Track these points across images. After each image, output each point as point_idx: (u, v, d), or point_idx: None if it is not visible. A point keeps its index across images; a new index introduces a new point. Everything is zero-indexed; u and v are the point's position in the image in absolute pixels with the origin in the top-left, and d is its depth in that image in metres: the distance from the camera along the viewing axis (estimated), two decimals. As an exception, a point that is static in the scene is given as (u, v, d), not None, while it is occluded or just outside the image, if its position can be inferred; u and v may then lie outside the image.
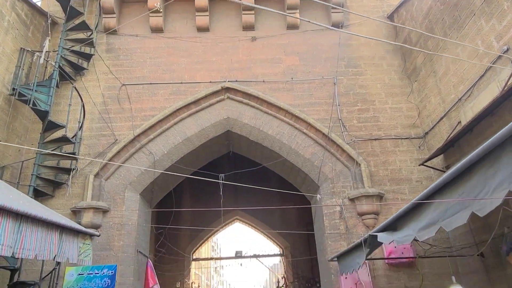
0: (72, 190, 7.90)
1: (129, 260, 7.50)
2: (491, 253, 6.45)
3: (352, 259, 5.53)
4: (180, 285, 14.27)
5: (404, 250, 7.33)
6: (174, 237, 13.40)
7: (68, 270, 7.23)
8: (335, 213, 7.91)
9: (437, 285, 7.20)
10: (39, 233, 4.08)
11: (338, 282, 7.31)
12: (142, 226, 8.27)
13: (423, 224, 3.10)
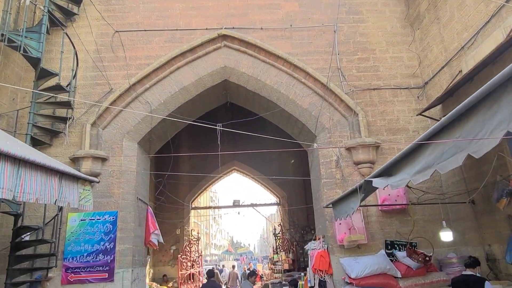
0: (70, 139, 7.91)
1: (129, 207, 7.68)
2: (481, 200, 6.63)
3: (346, 205, 5.68)
4: (180, 232, 14.79)
5: (398, 198, 7.53)
6: (173, 187, 13.67)
7: (71, 216, 7.43)
8: (332, 162, 8.01)
9: (428, 231, 7.49)
10: (38, 178, 4.12)
11: (332, 228, 7.57)
12: (141, 174, 8.38)
13: (418, 167, 3.14)
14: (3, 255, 6.83)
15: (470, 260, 5.08)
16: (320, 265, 7.44)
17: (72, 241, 7.27)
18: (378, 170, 4.32)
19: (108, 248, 7.26)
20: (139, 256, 7.94)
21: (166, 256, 14.69)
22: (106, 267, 7.16)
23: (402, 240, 7.48)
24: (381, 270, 6.79)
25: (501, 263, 6.24)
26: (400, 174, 3.59)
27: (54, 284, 7.07)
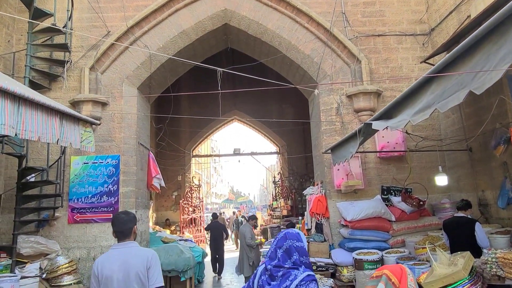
0: (69, 84, 7.84)
1: (131, 151, 7.79)
2: (479, 148, 6.71)
3: (345, 150, 5.75)
4: (181, 179, 15.13)
5: (396, 145, 7.61)
6: (174, 134, 13.77)
7: (74, 159, 7.56)
8: (332, 110, 8.00)
9: (423, 178, 7.66)
10: (39, 117, 4.14)
11: (330, 174, 7.73)
12: (142, 120, 8.40)
13: (418, 108, 3.14)
14: (11, 195, 7.05)
15: (462, 203, 5.25)
16: (317, 209, 7.69)
17: (76, 183, 7.46)
18: (378, 113, 4.32)
19: (112, 190, 7.47)
20: (142, 199, 8.18)
21: (168, 201, 15.15)
22: (111, 208, 7.41)
23: (398, 186, 7.67)
24: (376, 213, 7.03)
25: (492, 208, 6.44)
26: (400, 116, 3.59)
27: (61, 223, 7.36)
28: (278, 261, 2.48)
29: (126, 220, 3.09)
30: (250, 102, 15.88)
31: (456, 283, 3.03)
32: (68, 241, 7.33)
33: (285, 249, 2.47)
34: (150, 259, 2.92)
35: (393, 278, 1.39)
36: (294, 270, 2.42)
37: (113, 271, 2.84)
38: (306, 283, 2.33)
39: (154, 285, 2.83)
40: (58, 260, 6.79)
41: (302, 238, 2.50)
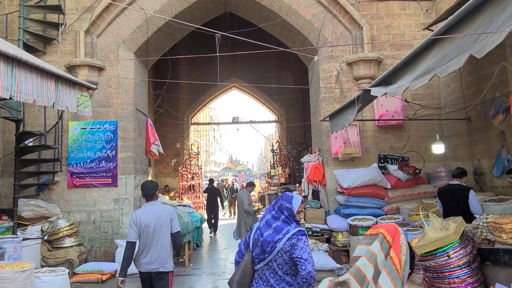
0: (64, 47, 7.68)
1: (129, 117, 7.76)
2: (477, 117, 6.69)
3: (343, 117, 5.73)
4: (180, 146, 15.17)
5: (395, 114, 7.58)
6: (172, 102, 13.66)
7: (71, 125, 7.54)
8: (331, 77, 7.90)
9: (421, 147, 7.69)
10: (34, 80, 4.08)
11: (328, 142, 7.75)
12: (139, 86, 8.31)
13: (418, 73, 3.10)
14: (10, 159, 7.09)
15: (457, 171, 5.29)
16: (314, 176, 7.77)
17: (74, 148, 7.48)
18: (377, 80, 4.27)
19: (110, 155, 7.50)
20: (140, 165, 8.24)
21: (167, 168, 15.27)
22: (109, 173, 7.47)
23: (395, 155, 7.72)
24: (372, 181, 7.12)
25: (487, 177, 6.52)
26: (399, 81, 3.55)
27: (61, 187, 7.44)
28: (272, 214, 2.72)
29: (151, 186, 4.20)
30: (249, 69, 15.67)
31: (446, 246, 3.11)
32: (68, 205, 7.44)
33: (278, 206, 2.71)
34: (172, 213, 4.18)
35: (388, 236, 1.43)
36: (287, 225, 2.62)
37: (149, 220, 3.98)
38: (297, 236, 2.53)
39: (174, 230, 4.12)
40: (59, 222, 6.93)
41: (293, 201, 2.66)
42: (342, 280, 1.42)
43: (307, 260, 2.36)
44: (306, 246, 2.46)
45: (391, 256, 1.41)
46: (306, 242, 2.49)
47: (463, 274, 3.04)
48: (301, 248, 2.44)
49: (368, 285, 1.38)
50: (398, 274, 1.38)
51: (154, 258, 3.96)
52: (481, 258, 3.21)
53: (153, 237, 3.96)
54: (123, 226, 7.47)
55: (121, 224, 7.47)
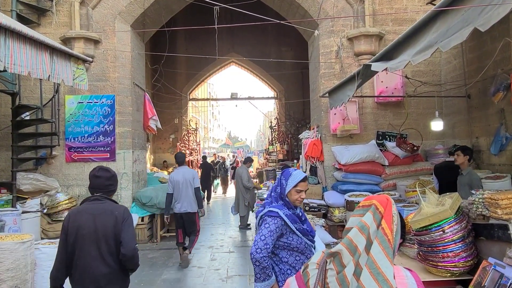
0: (59, 19, 7.51)
1: (126, 91, 7.68)
2: (477, 95, 6.65)
3: (343, 93, 5.68)
4: (178, 122, 15.13)
5: (395, 91, 7.52)
6: (170, 77, 13.51)
7: (68, 98, 7.47)
8: (332, 53, 7.78)
9: (419, 124, 7.68)
10: (28, 51, 4.00)
11: (327, 118, 7.72)
12: (137, 60, 8.19)
13: (420, 47, 3.03)
14: (7, 133, 7.05)
15: (454, 148, 5.30)
16: (312, 152, 7.78)
17: (72, 123, 7.44)
18: (378, 55, 4.20)
19: (108, 130, 7.47)
20: (138, 139, 8.22)
21: (166, 144, 15.27)
22: (107, 147, 7.46)
23: (393, 132, 7.71)
24: (370, 158, 7.13)
25: (485, 154, 6.54)
26: (401, 56, 3.49)
27: (59, 162, 7.45)
28: (271, 190, 2.70)
29: (182, 155, 6.36)
30: (248, 44, 15.43)
31: (441, 221, 3.15)
32: (67, 179, 7.47)
33: (277, 181, 2.67)
34: (194, 173, 6.20)
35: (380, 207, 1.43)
36: (269, 204, 2.58)
37: (179, 178, 5.98)
38: (264, 217, 2.49)
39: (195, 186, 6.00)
40: (58, 196, 6.97)
41: (289, 179, 2.55)
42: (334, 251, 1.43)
43: (255, 241, 2.36)
44: (265, 228, 2.39)
45: (382, 226, 1.42)
46: (267, 224, 2.40)
47: (457, 248, 3.09)
48: (260, 229, 2.43)
49: (360, 255, 1.39)
50: (390, 244, 1.39)
51: (183, 203, 5.93)
52: (475, 233, 3.25)
53: (181, 189, 5.93)
54: (121, 200, 7.52)
55: (119, 198, 7.52)
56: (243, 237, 8.12)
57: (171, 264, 6.09)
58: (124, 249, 2.51)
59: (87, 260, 2.50)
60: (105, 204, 2.63)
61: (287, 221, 2.46)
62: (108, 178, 2.70)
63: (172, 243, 7.52)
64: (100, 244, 2.53)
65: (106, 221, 2.56)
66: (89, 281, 2.49)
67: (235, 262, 6.20)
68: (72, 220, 2.59)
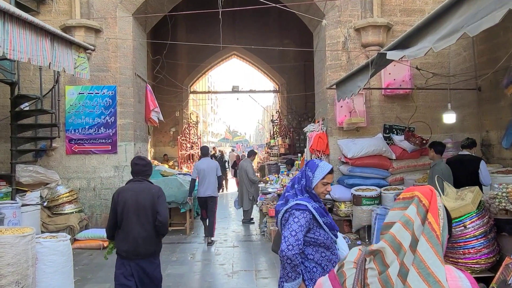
0: (58, 7, 7.31)
1: (127, 82, 7.50)
2: (489, 87, 6.49)
3: (352, 84, 5.51)
4: (179, 115, 14.94)
5: (403, 83, 7.36)
6: (171, 69, 13.31)
7: (68, 89, 7.29)
8: (338, 44, 7.61)
9: (427, 117, 7.53)
10: (28, 37, 3.82)
11: (333, 111, 7.56)
12: (138, 50, 7.99)
13: (444, 33, 2.87)
14: (5, 124, 6.87)
15: (468, 141, 5.16)
16: (317, 146, 7.63)
17: (72, 114, 7.27)
18: (392, 43, 4.03)
19: (109, 122, 7.30)
20: (140, 132, 8.06)
21: (166, 137, 15.10)
22: (109, 139, 7.30)
23: (400, 125, 7.57)
24: (377, 151, 6.99)
25: (495, 148, 6.40)
26: (420, 43, 3.33)
27: (60, 154, 7.29)
28: (292, 182, 2.52)
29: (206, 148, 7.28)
30: (250, 37, 15.19)
31: (463, 216, 3.02)
32: (68, 172, 7.31)
33: (300, 173, 2.49)
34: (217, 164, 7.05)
35: (424, 199, 1.28)
36: (294, 198, 2.41)
37: (204, 167, 6.81)
38: (292, 210, 2.31)
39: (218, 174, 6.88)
40: (58, 189, 6.82)
41: (316, 171, 2.42)
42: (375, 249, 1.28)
43: (285, 237, 2.21)
44: (294, 222, 2.24)
45: (429, 221, 1.27)
46: (297, 218, 2.25)
47: (479, 244, 2.96)
48: (288, 224, 2.26)
49: (405, 254, 1.24)
50: (438, 240, 1.24)
51: (208, 189, 6.75)
52: (497, 228, 3.12)
53: (206, 177, 6.75)
54: (123, 193, 7.37)
55: (121, 191, 7.37)
56: (247, 231, 7.99)
57: (174, 259, 5.95)
58: (161, 217, 3.23)
59: (130, 226, 3.21)
60: (143, 184, 3.34)
61: (316, 214, 2.32)
62: (144, 165, 3.40)
63: (175, 236, 7.41)
64: (140, 214, 3.22)
65: (145, 197, 3.25)
66: (131, 241, 3.19)
67: (240, 257, 6.07)
68: (120, 196, 3.29)
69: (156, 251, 3.36)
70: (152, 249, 3.28)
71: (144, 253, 3.22)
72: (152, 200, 3.23)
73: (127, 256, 3.20)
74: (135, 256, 3.20)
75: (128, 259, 3.21)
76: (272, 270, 5.33)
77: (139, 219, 3.21)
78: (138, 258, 3.21)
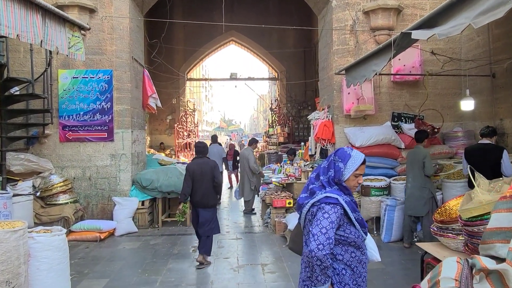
0: (50, -15, 6.85)
1: (124, 66, 7.11)
2: (504, 73, 6.22)
3: (365, 68, 5.19)
4: (176, 102, 14.54)
5: (412, 69, 7.06)
6: (168, 55, 12.88)
7: (61, 73, 6.89)
8: (346, 27, 7.26)
9: (437, 105, 7.26)
10: (17, 10, 3.44)
11: (340, 98, 7.25)
12: (135, 32, 7.58)
13: (486, 6, 2.56)
14: (-6, 110, 6.47)
15: (487, 129, 4.90)
16: (323, 134, 7.34)
17: (66, 99, 6.88)
18: (417, 22, 3.71)
19: (105, 108, 6.93)
20: (137, 119, 7.70)
21: (163, 125, 14.72)
22: (105, 126, 6.94)
23: (409, 113, 7.29)
24: (386, 140, 6.72)
25: (510, 137, 6.16)
26: (452, 20, 3.01)
27: (53, 141, 6.92)
28: (316, 173, 2.23)
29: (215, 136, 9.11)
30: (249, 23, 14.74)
31: (501, 210, 2.75)
32: (62, 160, 6.95)
33: (327, 163, 2.20)
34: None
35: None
36: (321, 190, 2.13)
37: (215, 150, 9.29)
38: (321, 204, 2.04)
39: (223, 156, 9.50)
40: (52, 178, 6.48)
41: (348, 162, 2.12)
42: (492, 269, 0.99)
43: (315, 235, 1.93)
44: (324, 218, 1.97)
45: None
46: (327, 213, 1.98)
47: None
48: (317, 220, 1.99)
49: None
50: None
51: None
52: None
53: None
54: (120, 183, 7.06)
55: (118, 181, 7.05)
56: (248, 223, 7.72)
57: (175, 252, 5.67)
58: (216, 179, 5.08)
59: (198, 185, 4.99)
60: (204, 159, 5.18)
61: (348, 209, 2.04)
62: (203, 147, 5.33)
63: (175, 228, 7.12)
64: (204, 179, 5.00)
65: (205, 167, 5.05)
66: (200, 194, 5.00)
67: (244, 250, 5.80)
68: (191, 167, 5.07)
69: (214, 204, 5.19)
70: (211, 202, 5.10)
71: (204, 203, 5.02)
72: (210, 169, 5.05)
73: (196, 204, 5.07)
74: (199, 205, 5.04)
75: (197, 207, 5.07)
76: (278, 264, 5.07)
77: (203, 181, 4.99)
78: (200, 206, 5.04)
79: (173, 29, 13.69)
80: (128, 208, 6.80)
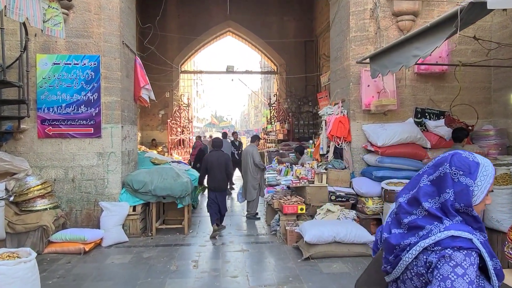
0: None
1: (114, 52, 6.21)
2: (547, 65, 5.52)
3: (400, 54, 4.40)
4: (169, 96, 13.64)
5: (439, 59, 6.31)
6: (161, 45, 11.96)
7: (40, 58, 5.96)
8: (365, 12, 6.47)
9: (464, 100, 6.53)
10: (-31, -38, 2.57)
11: (357, 91, 6.48)
12: (126, 14, 6.68)
13: None
14: (-41, 100, 5.54)
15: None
16: (337, 131, 6.57)
17: (45, 89, 5.96)
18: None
19: (92, 99, 6.04)
20: (128, 112, 6.81)
21: (154, 120, 13.82)
22: (91, 121, 6.05)
23: (434, 109, 6.56)
24: (410, 139, 5.99)
25: (553, 137, 5.47)
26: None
27: (30, 137, 6.01)
28: (414, 195, 1.39)
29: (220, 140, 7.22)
30: (247, 13, 13.91)
31: None
32: (40, 159, 6.05)
33: (436, 177, 1.35)
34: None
35: None
36: (433, 222, 1.31)
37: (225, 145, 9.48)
38: (446, 251, 1.23)
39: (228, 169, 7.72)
40: (28, 180, 5.58)
41: (478, 176, 1.31)
42: None
43: None
44: (457, 276, 1.18)
45: None
46: (460, 267, 1.19)
47: None
48: (443, 279, 1.19)
49: None
50: None
51: None
52: None
53: None
54: (109, 185, 6.18)
55: (106, 183, 6.17)
56: (253, 230, 6.91)
57: (173, 268, 4.83)
58: (228, 169, 6.59)
59: (213, 173, 6.43)
60: (219, 152, 6.61)
61: (486, 256, 1.24)
62: (220, 142, 6.83)
63: (171, 237, 6.28)
64: (218, 168, 6.41)
65: (221, 159, 6.47)
66: (215, 181, 6.43)
67: (254, 267, 4.97)
68: (208, 159, 6.50)
69: (226, 188, 6.82)
70: (224, 186, 6.63)
71: (220, 188, 6.47)
72: (225, 161, 6.49)
73: (214, 189, 6.42)
74: (217, 189, 6.42)
75: (214, 191, 6.42)
76: (297, 285, 4.28)
77: (218, 170, 6.37)
78: (217, 191, 6.43)
79: (167, 19, 12.78)
80: (118, 214, 5.93)
